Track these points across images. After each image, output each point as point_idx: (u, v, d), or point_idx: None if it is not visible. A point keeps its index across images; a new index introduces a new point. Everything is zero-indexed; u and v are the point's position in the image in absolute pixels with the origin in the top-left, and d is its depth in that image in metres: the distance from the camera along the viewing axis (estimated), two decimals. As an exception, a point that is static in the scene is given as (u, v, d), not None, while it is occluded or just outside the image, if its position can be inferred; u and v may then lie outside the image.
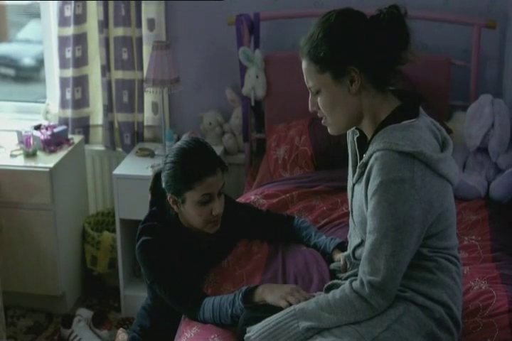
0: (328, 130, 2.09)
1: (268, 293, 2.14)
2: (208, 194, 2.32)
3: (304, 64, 2.03)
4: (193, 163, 2.31)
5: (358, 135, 2.10)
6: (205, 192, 2.31)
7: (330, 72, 1.97)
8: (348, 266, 2.23)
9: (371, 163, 1.94)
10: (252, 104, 3.63)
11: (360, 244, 2.09)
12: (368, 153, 1.97)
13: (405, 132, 1.95)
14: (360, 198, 2.01)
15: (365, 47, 1.95)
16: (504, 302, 2.24)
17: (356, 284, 1.97)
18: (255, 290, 2.17)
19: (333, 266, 2.40)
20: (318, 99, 2.03)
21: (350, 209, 2.15)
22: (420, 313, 1.98)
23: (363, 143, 2.08)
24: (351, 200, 2.12)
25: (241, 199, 2.93)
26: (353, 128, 2.12)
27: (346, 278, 2.16)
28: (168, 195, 2.38)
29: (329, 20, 1.97)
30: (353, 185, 2.08)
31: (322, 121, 2.08)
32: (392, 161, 1.90)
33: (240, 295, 2.17)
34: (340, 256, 2.35)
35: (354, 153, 2.13)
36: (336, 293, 2.00)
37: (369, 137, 2.04)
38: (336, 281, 2.19)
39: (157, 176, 2.45)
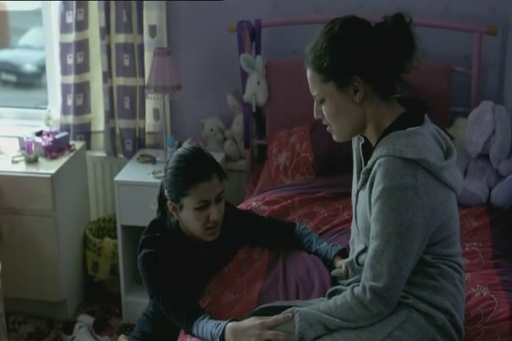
0: (334, 137, 2.09)
1: None
2: (204, 200, 2.33)
3: (309, 73, 2.03)
4: (188, 169, 2.32)
5: (363, 142, 2.11)
6: (201, 199, 2.32)
7: (334, 82, 1.97)
8: (350, 272, 2.22)
9: (375, 168, 1.94)
10: (254, 110, 3.63)
11: (364, 250, 2.09)
12: (372, 159, 1.97)
13: (409, 139, 1.94)
14: (364, 204, 2.01)
15: (369, 58, 1.93)
16: (505, 309, 2.24)
17: (358, 290, 1.97)
18: (224, 335, 2.12)
19: (334, 272, 2.40)
20: (323, 107, 2.03)
21: (354, 215, 2.15)
22: (423, 320, 1.98)
23: (367, 150, 2.08)
24: (355, 206, 2.12)
25: (242, 206, 2.93)
26: (358, 134, 2.12)
27: (348, 285, 2.15)
28: (168, 202, 2.38)
29: (333, 30, 1.96)
30: (358, 191, 2.08)
31: (327, 129, 2.08)
32: (395, 168, 1.89)
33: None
34: (341, 263, 2.35)
35: (359, 160, 2.13)
36: (337, 300, 2.00)
37: (373, 144, 2.04)
38: (339, 287, 2.19)
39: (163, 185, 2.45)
